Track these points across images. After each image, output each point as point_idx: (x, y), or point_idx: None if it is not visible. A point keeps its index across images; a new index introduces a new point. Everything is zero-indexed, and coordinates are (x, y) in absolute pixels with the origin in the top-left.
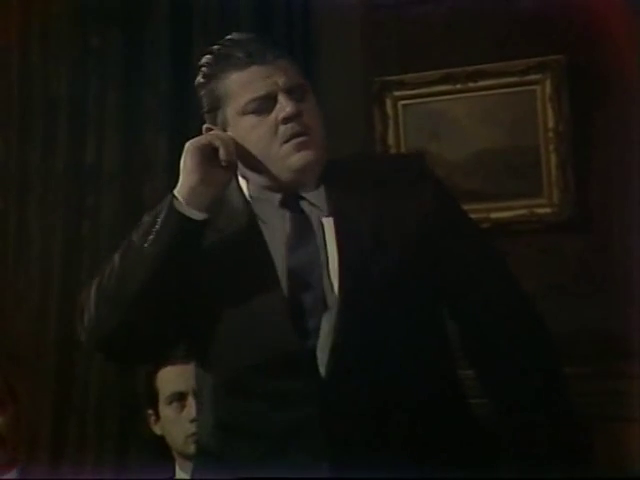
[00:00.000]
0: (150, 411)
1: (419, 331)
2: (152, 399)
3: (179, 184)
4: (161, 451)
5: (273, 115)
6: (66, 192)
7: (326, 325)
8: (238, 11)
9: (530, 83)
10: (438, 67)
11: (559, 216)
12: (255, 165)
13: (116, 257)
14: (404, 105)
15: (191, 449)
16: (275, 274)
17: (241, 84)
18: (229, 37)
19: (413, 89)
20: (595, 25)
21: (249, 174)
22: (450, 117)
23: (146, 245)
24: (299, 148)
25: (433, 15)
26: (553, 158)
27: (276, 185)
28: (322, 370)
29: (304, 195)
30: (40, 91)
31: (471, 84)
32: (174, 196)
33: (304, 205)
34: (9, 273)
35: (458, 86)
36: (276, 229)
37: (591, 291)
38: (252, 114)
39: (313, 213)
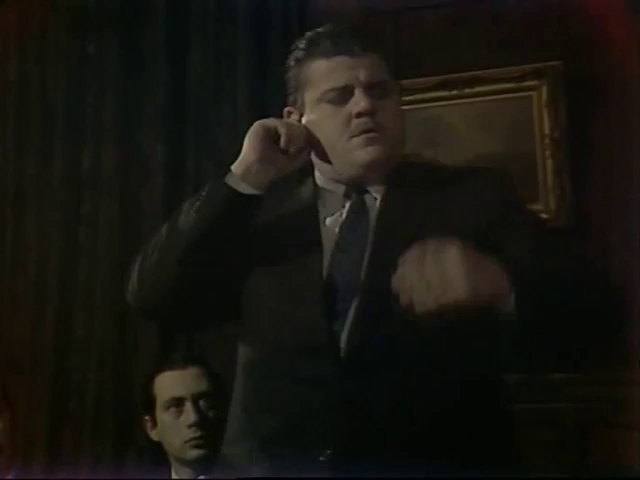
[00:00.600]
0: (147, 417)
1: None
2: (149, 405)
3: (238, 159)
4: (157, 457)
5: (348, 107)
6: (63, 199)
7: (352, 312)
8: (236, 19)
9: (526, 89)
10: (435, 73)
11: (555, 222)
12: (324, 155)
13: (164, 226)
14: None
15: (188, 455)
16: (319, 255)
17: (323, 72)
18: (325, 26)
19: (410, 95)
20: (591, 32)
21: (319, 164)
22: (447, 123)
23: (192, 212)
24: (367, 144)
25: (430, 21)
26: (549, 164)
27: (342, 178)
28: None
29: (368, 189)
30: (37, 97)
31: (467, 90)
32: (230, 170)
33: (367, 198)
34: (6, 279)
35: (454, 92)
36: (334, 216)
37: None
38: (328, 103)
39: (373, 207)
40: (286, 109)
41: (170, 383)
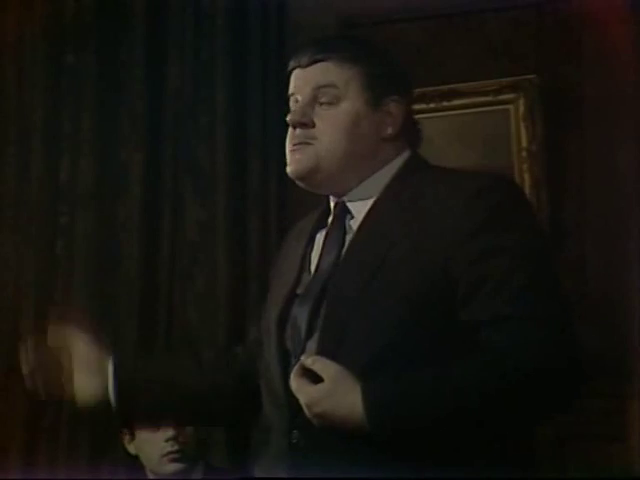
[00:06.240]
0: (125, 430)
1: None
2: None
3: None
4: (134, 470)
5: None
6: (40, 211)
7: (312, 343)
8: (214, 32)
9: (503, 103)
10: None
11: None
12: None
13: None
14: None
15: (165, 468)
16: (296, 284)
17: (289, 88)
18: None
19: None
20: (568, 45)
21: None
22: (424, 136)
23: None
24: (292, 155)
25: (407, 35)
26: (527, 178)
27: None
28: None
29: (348, 206)
30: (14, 109)
31: (445, 103)
32: None
33: (346, 216)
34: None
35: (432, 105)
36: (323, 231)
37: None
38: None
39: (351, 227)
40: None
41: None
